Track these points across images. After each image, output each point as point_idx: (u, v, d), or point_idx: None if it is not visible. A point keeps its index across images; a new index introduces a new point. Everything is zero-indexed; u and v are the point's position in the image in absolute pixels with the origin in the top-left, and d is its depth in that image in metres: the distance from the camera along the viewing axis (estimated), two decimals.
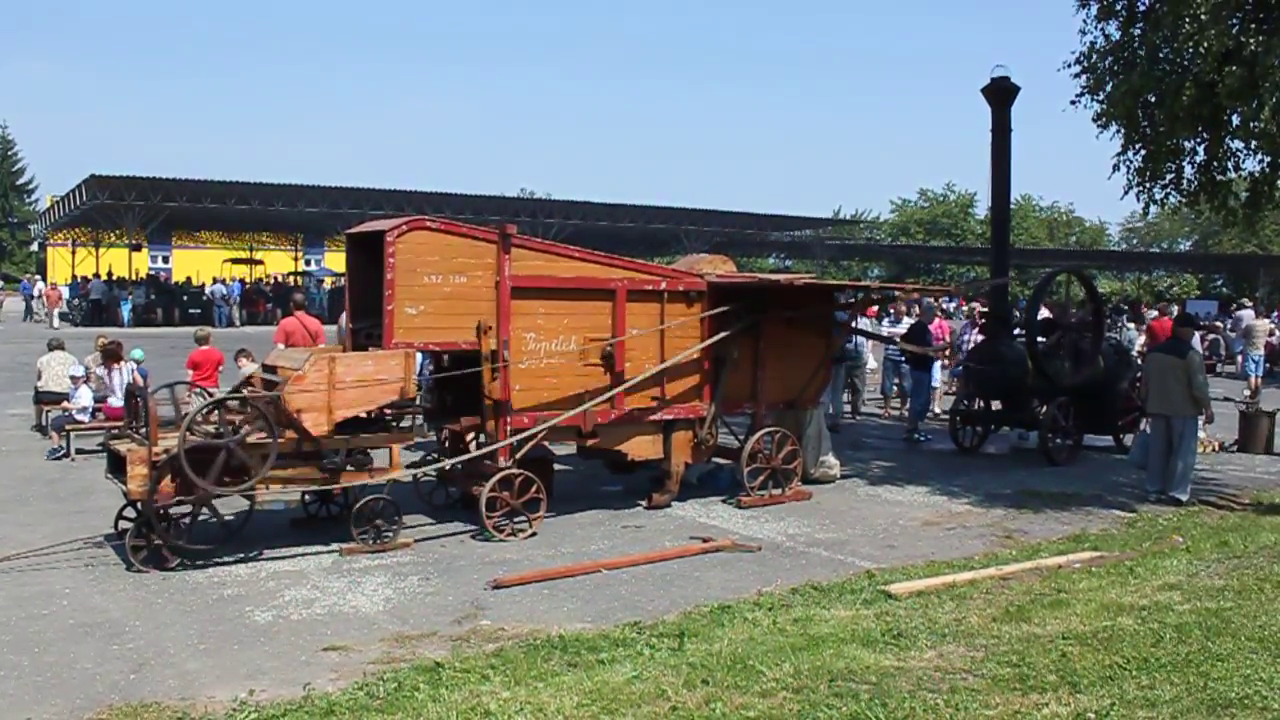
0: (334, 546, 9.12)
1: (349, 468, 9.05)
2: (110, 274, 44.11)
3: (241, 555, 8.82)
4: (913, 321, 17.80)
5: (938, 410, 17.95)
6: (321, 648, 6.74)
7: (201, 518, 8.77)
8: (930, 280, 62.57)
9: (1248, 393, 20.95)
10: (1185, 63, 11.99)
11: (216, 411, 8.64)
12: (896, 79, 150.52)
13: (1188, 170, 13.58)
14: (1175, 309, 23.75)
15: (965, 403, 15.88)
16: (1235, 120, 12.25)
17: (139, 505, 8.49)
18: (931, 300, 18.44)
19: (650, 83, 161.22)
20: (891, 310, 19.45)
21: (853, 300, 13.78)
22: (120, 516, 9.03)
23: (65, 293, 43.39)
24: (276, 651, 6.69)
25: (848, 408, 18.23)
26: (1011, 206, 18.33)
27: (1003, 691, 5.19)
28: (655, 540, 9.64)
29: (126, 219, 40.37)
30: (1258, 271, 53.65)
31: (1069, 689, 5.20)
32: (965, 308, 31.46)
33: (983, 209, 66.87)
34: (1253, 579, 7.32)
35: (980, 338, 16.48)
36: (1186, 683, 5.21)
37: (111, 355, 14.43)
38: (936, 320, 18.12)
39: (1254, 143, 12.42)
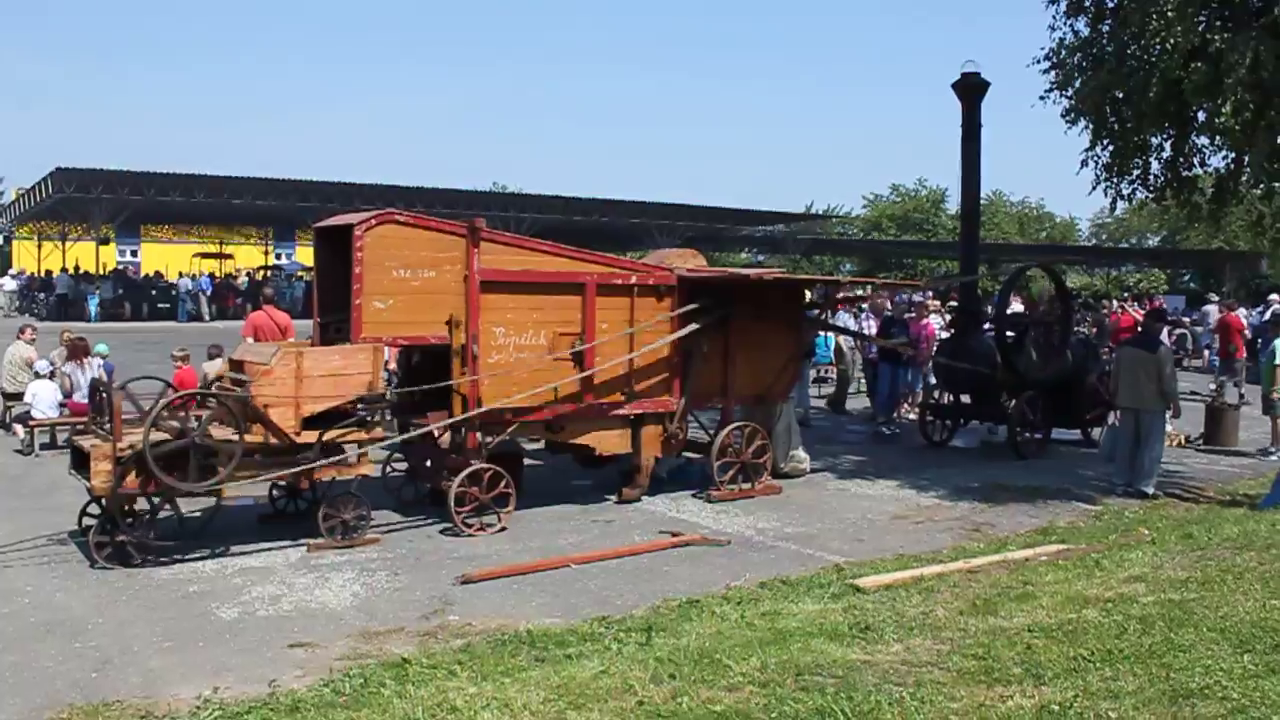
0: (301, 542, 9.06)
1: (317, 462, 9.01)
2: (77, 268, 43.64)
3: (208, 551, 8.76)
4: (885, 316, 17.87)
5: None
6: (288, 644, 6.71)
7: (165, 514, 8.69)
8: (902, 275, 62.81)
9: (1213, 387, 21.15)
10: (1152, 59, 12.07)
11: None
12: (868, 73, 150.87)
13: (1154, 166, 13.69)
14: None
15: (935, 397, 15.99)
16: (1200, 116, 12.35)
17: (103, 502, 8.41)
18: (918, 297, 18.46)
19: (622, 77, 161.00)
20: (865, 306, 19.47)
21: (823, 296, 13.83)
22: (84, 513, 8.93)
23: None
24: (242, 648, 6.65)
25: (819, 402, 18.28)
26: (982, 202, 18.42)
27: (968, 684, 5.20)
28: (624, 535, 9.65)
29: (93, 212, 39.90)
30: (1224, 267, 54.14)
31: (1034, 681, 5.22)
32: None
33: (954, 204, 67.11)
34: (1215, 570, 7.39)
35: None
36: (1149, 674, 5.24)
37: (77, 350, 14.28)
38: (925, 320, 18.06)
39: (1218, 139, 12.53)
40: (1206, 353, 25.27)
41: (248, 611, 7.37)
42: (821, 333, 17.10)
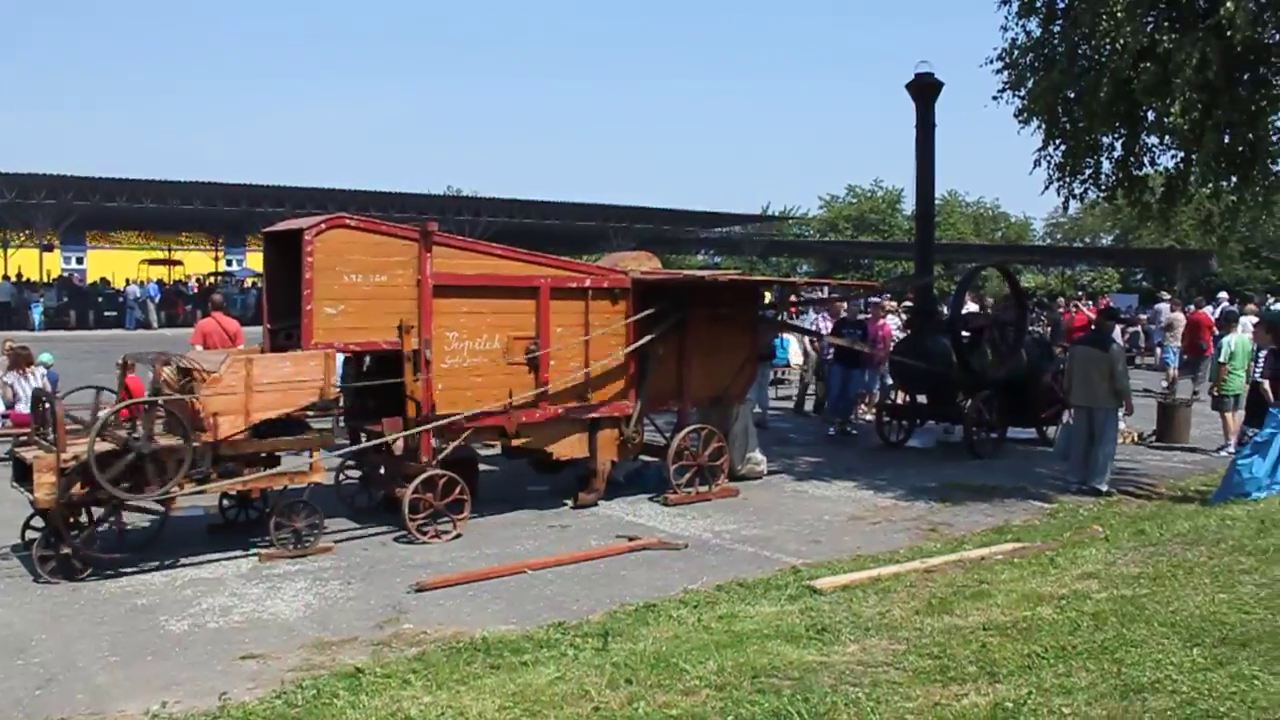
0: (253, 552, 8.99)
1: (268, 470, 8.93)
2: (20, 275, 42.96)
3: (156, 563, 8.66)
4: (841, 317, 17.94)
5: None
6: (239, 656, 6.65)
7: (105, 527, 8.58)
8: (859, 276, 63.22)
9: (1165, 384, 21.50)
10: (1103, 60, 12.24)
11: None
12: (823, 74, 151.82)
13: (1106, 165, 13.88)
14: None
15: (891, 397, 16.10)
16: (1150, 116, 12.54)
17: (47, 514, 8.28)
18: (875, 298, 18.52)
19: (578, 79, 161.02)
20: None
21: (779, 298, 13.90)
22: (27, 526, 8.78)
23: None
24: (192, 661, 6.58)
25: (770, 403, 18.30)
26: (937, 202, 18.58)
27: (923, 683, 5.25)
28: (581, 540, 9.65)
29: (36, 218, 39.30)
30: (1175, 266, 54.99)
31: (988, 679, 5.28)
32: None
33: (910, 205, 67.46)
34: (1167, 566, 7.50)
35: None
36: (1101, 669, 5.31)
37: (20, 360, 14.05)
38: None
39: (1167, 138, 12.73)
40: (1159, 350, 25.64)
41: (197, 624, 7.29)
42: (782, 334, 17.19)
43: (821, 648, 5.96)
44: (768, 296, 15.09)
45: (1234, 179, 12.81)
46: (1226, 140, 12.09)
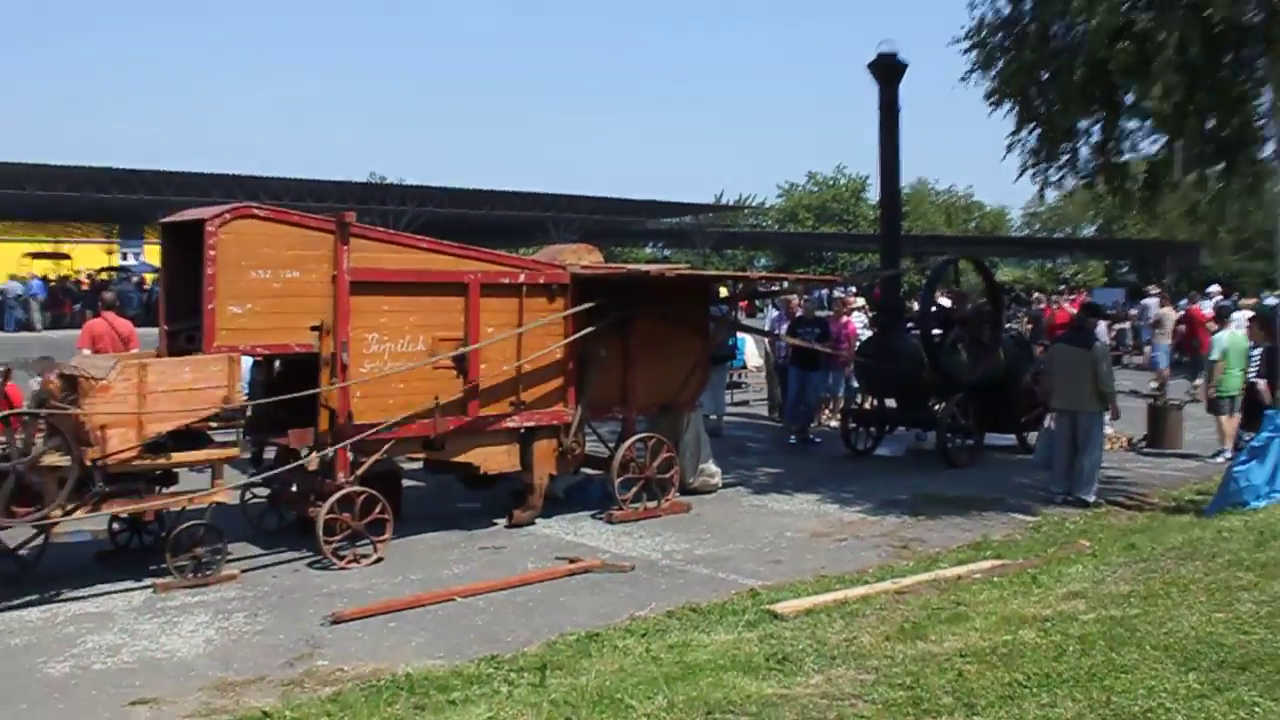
0: (147, 582, 8.82)
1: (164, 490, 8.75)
2: None
3: (35, 596, 8.45)
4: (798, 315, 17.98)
5: None
6: (128, 702, 6.49)
7: None
8: (821, 270, 63.67)
9: (1155, 385, 21.73)
10: (1077, 39, 12.36)
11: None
12: (782, 53, 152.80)
13: (1084, 152, 14.01)
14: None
15: (857, 402, 16.13)
16: (1129, 99, 12.67)
17: None
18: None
19: (514, 57, 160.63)
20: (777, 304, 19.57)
21: (733, 294, 13.90)
22: None
23: None
24: (74, 709, 6.41)
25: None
26: (906, 191, 18.71)
27: (894, 717, 5.22)
28: (517, 563, 9.58)
29: None
30: (1164, 258, 55.97)
31: (965, 711, 5.26)
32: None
33: (876, 193, 68.23)
34: (1159, 583, 7.55)
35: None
36: (1089, 698, 5.32)
37: None
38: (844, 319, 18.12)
39: (1148, 123, 12.86)
40: (1148, 348, 25.97)
41: (81, 665, 7.11)
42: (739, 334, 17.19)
43: (782, 679, 5.92)
44: (722, 292, 15.07)
45: (1220, 166, 12.96)
46: (1210, 125, 12.24)
